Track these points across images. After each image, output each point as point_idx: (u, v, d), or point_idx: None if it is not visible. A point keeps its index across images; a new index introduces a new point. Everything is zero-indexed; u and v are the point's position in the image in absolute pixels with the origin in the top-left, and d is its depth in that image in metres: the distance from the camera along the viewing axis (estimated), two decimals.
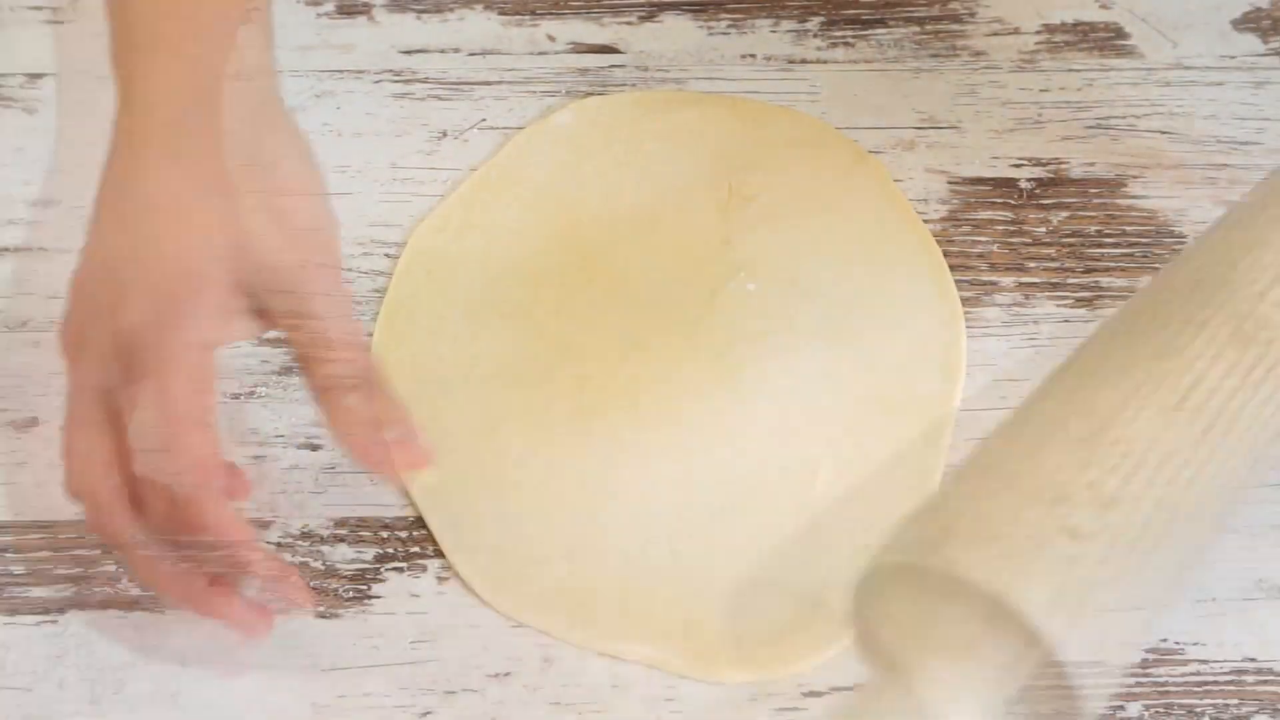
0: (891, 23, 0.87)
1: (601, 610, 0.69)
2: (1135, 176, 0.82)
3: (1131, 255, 0.79)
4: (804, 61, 0.86)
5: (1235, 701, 0.68)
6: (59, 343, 0.65)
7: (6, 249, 0.79)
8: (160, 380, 0.61)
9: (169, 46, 0.64)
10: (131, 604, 0.70)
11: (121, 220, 0.63)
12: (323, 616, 0.70)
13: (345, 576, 0.71)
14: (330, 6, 0.88)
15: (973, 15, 0.88)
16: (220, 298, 0.62)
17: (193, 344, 0.62)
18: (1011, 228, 0.80)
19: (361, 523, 0.72)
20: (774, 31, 0.87)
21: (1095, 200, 0.81)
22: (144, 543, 0.64)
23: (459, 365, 0.75)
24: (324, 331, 0.63)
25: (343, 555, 0.72)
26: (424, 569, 0.71)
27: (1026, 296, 0.78)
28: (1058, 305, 0.78)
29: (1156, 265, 0.79)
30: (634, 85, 0.85)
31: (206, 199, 0.62)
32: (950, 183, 0.82)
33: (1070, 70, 0.85)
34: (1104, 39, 0.87)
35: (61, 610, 0.70)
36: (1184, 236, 0.80)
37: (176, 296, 0.61)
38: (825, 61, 0.86)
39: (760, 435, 0.73)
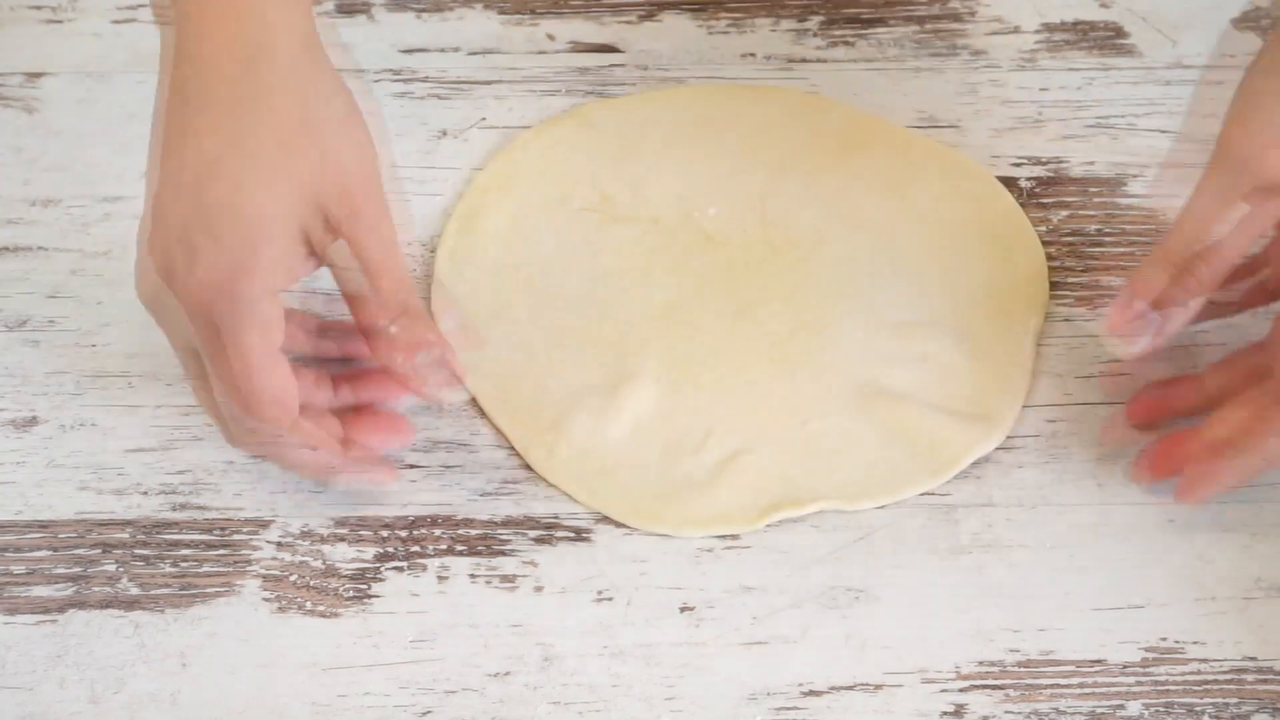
0: (891, 21, 0.87)
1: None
2: (1135, 175, 0.82)
3: (1131, 254, 0.79)
4: (804, 60, 0.86)
5: (1235, 700, 0.68)
6: (142, 301, 0.70)
7: (6, 249, 0.79)
8: (236, 332, 0.65)
9: (225, 2, 0.67)
10: (131, 604, 0.70)
11: (184, 181, 0.66)
12: (323, 616, 0.70)
13: (345, 576, 0.71)
14: (330, 6, 0.88)
15: (973, 14, 0.88)
16: (287, 246, 0.66)
17: (265, 293, 0.66)
18: None
19: (361, 522, 0.72)
20: (774, 30, 0.87)
21: (1095, 199, 0.81)
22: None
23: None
24: (376, 269, 0.67)
25: (343, 555, 0.72)
26: (424, 569, 0.71)
27: None
28: (1058, 304, 0.78)
29: None
30: (634, 84, 0.85)
31: (268, 153, 0.66)
32: None
33: (1070, 69, 0.85)
34: (1104, 38, 0.87)
35: (61, 610, 0.70)
36: None
37: (246, 252, 0.65)
38: (825, 60, 0.86)
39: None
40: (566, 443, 0.73)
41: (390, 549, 0.72)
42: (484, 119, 0.84)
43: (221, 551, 0.72)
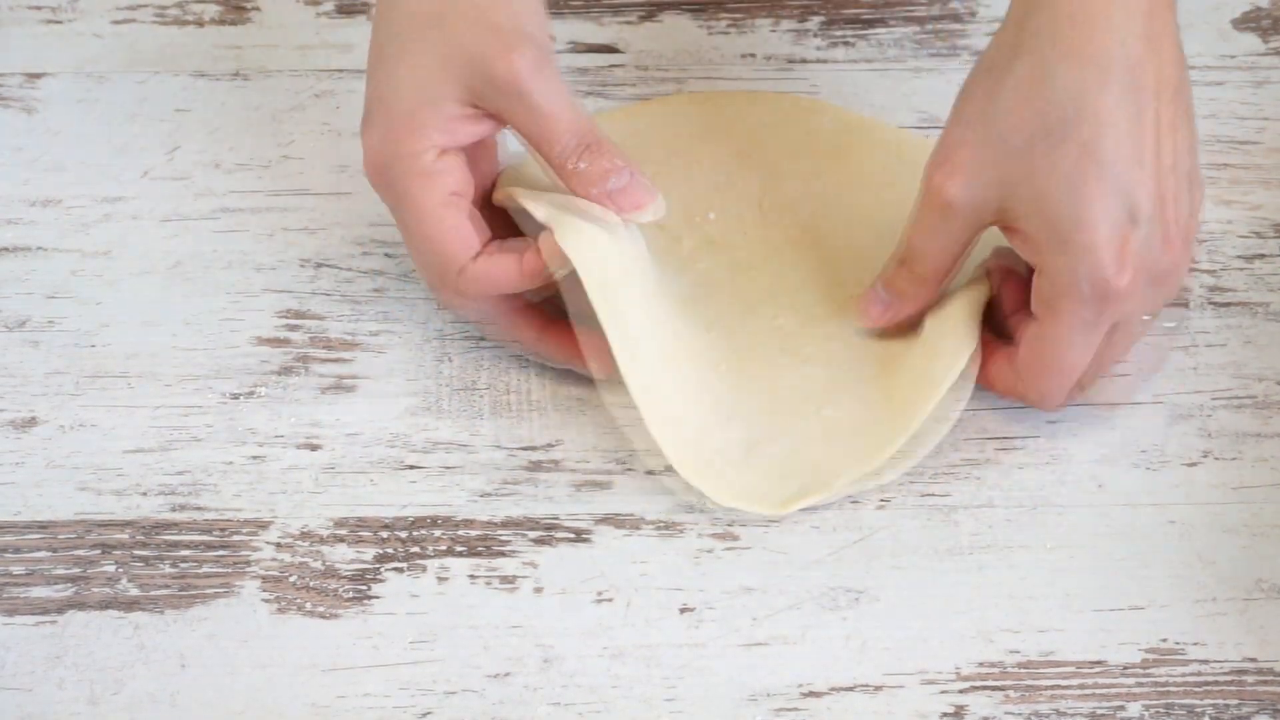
0: (891, 22, 0.87)
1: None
2: None
3: None
4: (804, 61, 0.86)
5: (1235, 702, 0.68)
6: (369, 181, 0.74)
7: (6, 249, 0.80)
8: (404, 186, 0.72)
9: None
10: (131, 604, 0.70)
11: (370, 65, 0.74)
12: (322, 617, 0.70)
13: (345, 576, 0.71)
14: (330, 6, 0.88)
15: (973, 14, 0.88)
16: (446, 107, 0.71)
17: (426, 149, 0.71)
18: None
19: (361, 523, 0.72)
20: (774, 31, 0.87)
21: None
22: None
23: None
24: (548, 119, 0.72)
25: (342, 555, 0.72)
26: (424, 569, 0.71)
27: None
28: None
29: None
30: (633, 85, 0.85)
31: (424, 33, 0.72)
32: None
33: None
34: None
35: (61, 610, 0.70)
36: None
37: (405, 116, 0.71)
38: (825, 61, 0.86)
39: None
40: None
41: (390, 550, 0.72)
42: None
43: (221, 552, 0.72)
